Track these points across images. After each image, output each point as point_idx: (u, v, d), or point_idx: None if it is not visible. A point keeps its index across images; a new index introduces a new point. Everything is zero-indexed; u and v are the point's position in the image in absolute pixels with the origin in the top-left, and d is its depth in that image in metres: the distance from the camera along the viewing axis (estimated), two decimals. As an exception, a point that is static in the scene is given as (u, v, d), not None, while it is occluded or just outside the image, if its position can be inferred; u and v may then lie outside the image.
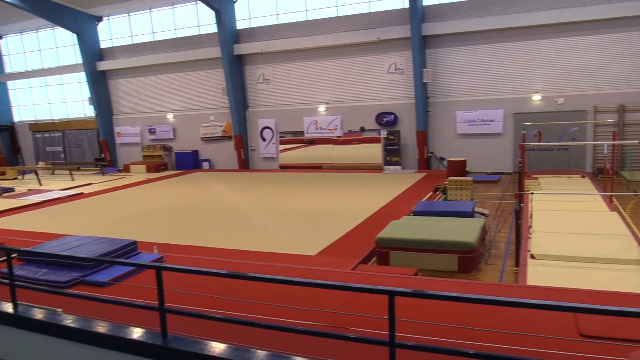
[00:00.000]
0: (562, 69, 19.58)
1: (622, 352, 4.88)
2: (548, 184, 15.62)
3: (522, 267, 8.38)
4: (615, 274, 8.03)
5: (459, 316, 5.83)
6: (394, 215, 11.94)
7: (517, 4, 19.77)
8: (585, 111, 19.18)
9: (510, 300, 3.43)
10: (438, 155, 21.70)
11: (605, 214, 11.61)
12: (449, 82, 21.26)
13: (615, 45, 18.85)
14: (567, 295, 6.52)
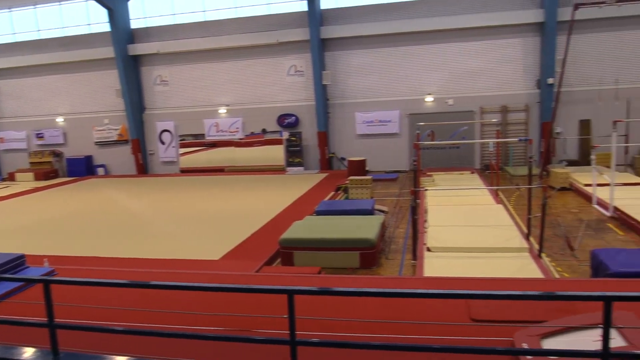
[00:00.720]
0: (451, 72, 20.79)
1: (509, 332, 5.28)
2: (441, 181, 16.49)
3: (419, 260, 8.79)
4: (501, 261, 8.65)
5: (363, 310, 6.00)
6: (297, 216, 12.04)
7: (410, 10, 20.72)
8: (473, 112, 20.53)
9: (405, 292, 3.59)
10: (339, 156, 22.19)
11: (492, 207, 12.47)
12: (348, 84, 21.82)
13: (498, 51, 20.36)
14: (460, 284, 6.92)
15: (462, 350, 3.98)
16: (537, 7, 19.67)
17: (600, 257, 7.61)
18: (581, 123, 19.98)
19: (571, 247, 9.55)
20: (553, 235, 10.78)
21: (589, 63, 19.45)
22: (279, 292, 3.56)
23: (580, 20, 18.12)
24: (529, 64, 20.30)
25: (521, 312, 5.75)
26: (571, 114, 19.87)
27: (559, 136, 19.78)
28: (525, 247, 9.15)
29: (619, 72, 18.94)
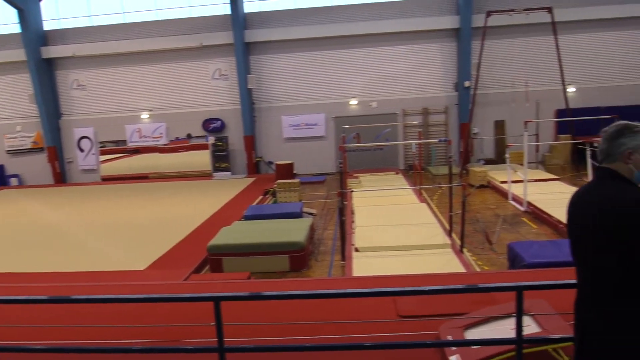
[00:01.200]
0: (374, 76, 21.31)
1: (435, 326, 5.49)
2: (368, 182, 16.86)
3: (348, 261, 8.93)
4: (426, 258, 8.96)
5: (295, 313, 6.02)
6: (225, 222, 11.89)
7: (333, 15, 21.05)
8: (396, 114, 21.15)
9: (328, 292, 3.66)
10: (266, 160, 22.14)
11: (416, 206, 12.89)
12: (274, 88, 21.83)
13: (418, 55, 21.11)
14: (387, 282, 7.11)
15: (390, 346, 4.10)
16: (453, 14, 20.57)
17: (515, 249, 8.07)
18: (496, 124, 21.10)
19: (490, 242, 10.06)
20: (473, 230, 11.30)
21: (502, 67, 20.55)
22: (205, 299, 3.52)
23: (492, 27, 19.13)
24: (447, 68, 21.18)
25: (445, 305, 5.98)
26: (487, 115, 20.92)
27: (476, 136, 20.77)
28: (448, 244, 9.53)
29: (528, 75, 20.14)
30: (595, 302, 2.54)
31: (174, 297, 4.04)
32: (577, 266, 2.69)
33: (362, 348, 4.05)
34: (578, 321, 2.68)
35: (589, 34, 20.64)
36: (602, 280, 2.50)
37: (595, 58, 20.79)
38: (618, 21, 20.41)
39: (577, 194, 2.75)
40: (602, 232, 2.45)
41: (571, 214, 2.73)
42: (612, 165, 2.57)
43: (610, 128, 2.62)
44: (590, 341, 2.56)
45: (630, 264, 2.39)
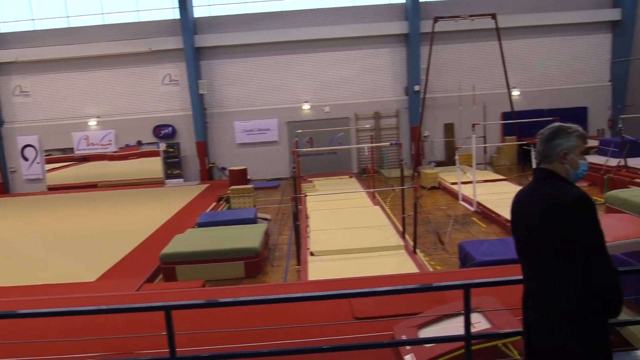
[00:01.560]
0: (326, 80, 21.45)
1: (389, 327, 5.58)
2: (322, 186, 16.95)
3: (303, 265, 8.96)
4: (380, 259, 9.09)
5: (251, 320, 5.98)
6: (178, 229, 11.70)
7: (284, 20, 21.07)
8: (348, 118, 21.36)
9: (280, 297, 3.64)
10: (219, 166, 21.91)
11: (370, 208, 13.05)
12: (225, 93, 21.65)
13: (369, 60, 21.40)
14: (343, 284, 7.16)
15: (346, 347, 4.14)
16: (402, 19, 20.98)
17: (466, 248, 8.30)
18: (446, 126, 21.62)
19: (441, 242, 10.29)
20: (426, 231, 11.54)
21: (450, 71, 21.09)
22: (155, 309, 3.47)
23: (440, 33, 19.61)
24: (397, 73, 21.55)
25: (400, 306, 6.09)
26: (437, 118, 21.42)
27: (427, 139, 21.21)
28: (401, 245, 9.70)
29: (475, 79, 20.75)
30: (541, 299, 2.62)
31: (123, 307, 3.95)
32: (523, 264, 2.79)
33: (318, 351, 4.07)
34: (525, 318, 2.76)
35: (531, 40, 21.47)
36: (547, 278, 2.58)
37: (537, 63, 21.63)
38: (559, 27, 21.32)
39: (519, 194, 2.85)
40: (545, 231, 2.54)
41: (514, 214, 2.82)
42: (549, 165, 2.66)
43: (545, 130, 2.72)
44: (538, 339, 2.65)
45: (571, 261, 2.49)
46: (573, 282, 2.52)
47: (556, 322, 2.56)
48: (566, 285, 2.54)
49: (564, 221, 2.47)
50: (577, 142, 2.66)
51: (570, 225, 2.46)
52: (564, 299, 2.54)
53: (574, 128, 2.70)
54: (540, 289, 2.63)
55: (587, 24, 21.49)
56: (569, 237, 2.47)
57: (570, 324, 2.53)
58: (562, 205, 2.49)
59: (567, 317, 2.54)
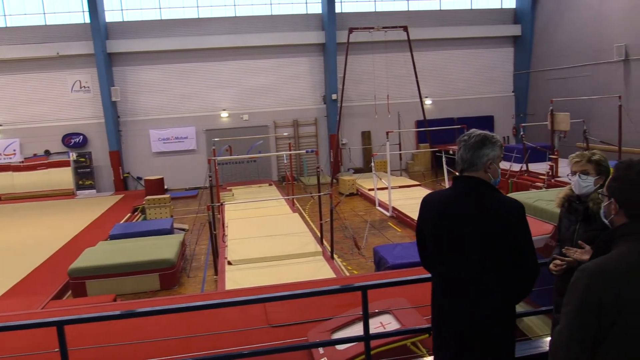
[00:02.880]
0: (244, 88, 21.36)
1: (304, 332, 5.66)
2: (241, 194, 16.83)
3: (220, 275, 8.87)
4: (299, 266, 9.18)
5: (164, 332, 5.86)
6: (89, 242, 11.19)
7: (200, 27, 20.79)
8: (267, 126, 21.38)
9: (184, 306, 3.62)
10: (135, 175, 21.20)
11: (289, 216, 13.13)
12: (140, 100, 21.00)
13: (287, 68, 21.55)
14: (259, 292, 7.16)
15: (257, 353, 4.15)
16: (319, 29, 21.34)
17: (380, 252, 8.57)
18: (363, 134, 22.18)
19: (358, 247, 10.54)
20: (343, 237, 11.78)
21: (365, 81, 21.65)
22: (47, 325, 3.33)
23: (355, 43, 20.13)
24: (315, 81, 21.87)
25: (314, 311, 6.19)
26: (354, 126, 21.93)
27: (345, 146, 21.65)
28: (319, 251, 9.84)
29: (390, 88, 21.44)
30: (478, 305, 2.62)
31: (9, 325, 3.74)
32: (448, 274, 2.73)
33: (230, 358, 4.07)
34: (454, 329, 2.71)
35: (442, 52, 22.55)
36: (483, 283, 2.60)
37: (448, 73, 22.74)
38: (466, 41, 22.54)
39: (442, 203, 2.76)
40: (486, 238, 2.55)
41: (440, 224, 2.72)
42: (475, 174, 2.67)
43: (470, 138, 2.70)
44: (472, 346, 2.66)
45: (510, 266, 2.58)
46: (507, 284, 2.61)
47: (493, 326, 2.63)
48: (503, 288, 2.62)
49: (509, 229, 2.54)
50: (499, 152, 2.71)
51: (513, 232, 2.55)
52: (499, 301, 2.62)
53: (497, 138, 2.75)
54: (476, 296, 2.62)
55: (492, 38, 22.89)
56: (511, 244, 2.55)
57: (502, 325, 2.66)
58: (507, 214, 2.56)
59: (501, 319, 2.65)
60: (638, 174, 1.97)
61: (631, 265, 1.89)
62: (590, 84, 18.62)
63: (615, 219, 2.06)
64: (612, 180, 2.09)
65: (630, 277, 1.87)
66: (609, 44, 17.68)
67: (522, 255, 2.58)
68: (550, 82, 21.21)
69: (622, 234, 1.99)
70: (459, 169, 2.75)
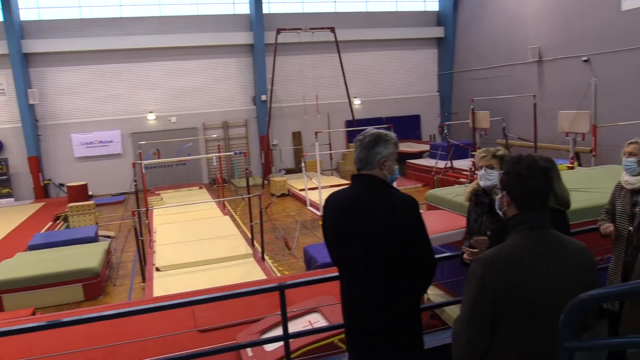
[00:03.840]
0: (172, 90, 20.88)
1: (233, 335, 5.63)
2: (170, 198, 16.46)
3: (148, 282, 8.65)
4: (230, 269, 9.11)
5: (92, 343, 5.64)
6: (6, 254, 10.55)
7: (120, 26, 20.11)
8: (196, 128, 21.01)
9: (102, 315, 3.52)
10: (57, 182, 20.23)
11: (220, 219, 12.99)
12: (61, 103, 20.06)
13: (216, 69, 21.26)
14: (187, 298, 7.03)
15: (185, 358, 4.10)
16: (247, 30, 21.21)
17: (310, 252, 8.65)
18: (293, 135, 22.25)
19: (289, 247, 10.60)
20: (275, 238, 11.79)
21: (294, 81, 21.76)
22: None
23: (284, 44, 20.18)
24: (245, 82, 21.72)
25: (244, 313, 6.17)
26: (284, 126, 21.95)
27: (275, 147, 21.64)
28: (250, 253, 9.81)
29: (319, 89, 21.67)
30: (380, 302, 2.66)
31: None
32: (352, 273, 2.76)
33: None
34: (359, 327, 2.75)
35: (369, 53, 23.00)
36: (384, 279, 2.64)
37: (376, 74, 23.23)
38: (393, 42, 23.12)
39: (339, 201, 2.81)
40: (383, 234, 2.60)
41: (339, 223, 2.77)
42: (371, 172, 2.72)
43: (365, 138, 2.76)
44: (377, 343, 2.70)
45: (406, 260, 2.63)
46: (408, 278, 2.67)
47: (397, 324, 2.68)
48: (403, 282, 2.67)
49: (404, 223, 2.61)
50: (393, 149, 2.77)
51: (408, 226, 2.61)
52: (401, 296, 2.68)
53: (391, 136, 2.81)
54: (378, 293, 2.66)
55: (417, 39, 23.60)
56: (407, 238, 2.61)
57: (407, 319, 2.73)
58: (401, 209, 2.61)
59: (405, 313, 2.71)
60: (526, 168, 2.11)
61: (521, 254, 2.03)
62: (508, 84, 19.60)
63: (507, 210, 2.20)
64: (504, 174, 2.23)
65: (520, 265, 2.01)
66: (524, 46, 18.68)
67: (418, 249, 2.66)
68: (472, 82, 22.13)
69: (513, 224, 2.13)
70: (357, 167, 2.80)
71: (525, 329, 1.99)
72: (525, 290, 1.97)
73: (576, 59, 16.53)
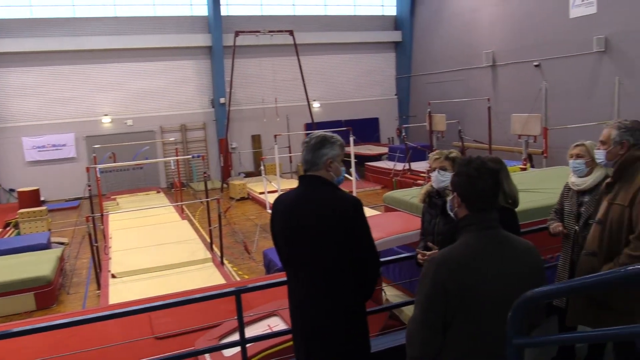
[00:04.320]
0: (128, 92, 20.42)
1: (191, 341, 5.55)
2: (126, 203, 16.10)
3: (104, 289, 8.45)
4: (188, 274, 8.99)
5: (44, 353, 5.46)
6: (-49, 263, 10.14)
7: (74, 27, 19.55)
8: (153, 131, 20.63)
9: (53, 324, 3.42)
10: (6, 187, 19.49)
11: (178, 223, 12.80)
12: (10, 105, 19.32)
13: (174, 71, 20.90)
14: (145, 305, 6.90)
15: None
16: (205, 32, 20.98)
17: (270, 255, 8.60)
18: (253, 138, 22.13)
19: (248, 251, 10.53)
20: (234, 242, 11.70)
21: (254, 84, 21.65)
22: None
23: (242, 46, 20.05)
24: (203, 85, 21.47)
25: (202, 319, 6.09)
26: (243, 130, 21.80)
27: (235, 151, 21.47)
28: (209, 258, 9.71)
29: (278, 92, 21.64)
30: (326, 305, 2.68)
31: None
32: (298, 273, 2.78)
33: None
34: (303, 325, 2.76)
35: (328, 56, 23.11)
36: (330, 280, 2.67)
37: (335, 77, 23.36)
38: (351, 46, 23.31)
39: (285, 202, 2.85)
40: (328, 234, 2.64)
41: (286, 223, 2.78)
42: (317, 173, 2.76)
43: (311, 140, 2.80)
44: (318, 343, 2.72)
45: (351, 261, 2.67)
46: (352, 279, 2.71)
47: (343, 326, 2.70)
48: (348, 282, 2.70)
49: (349, 223, 2.65)
50: (339, 151, 2.82)
51: (353, 226, 2.65)
52: (348, 297, 2.71)
53: (336, 138, 2.85)
54: (324, 295, 2.68)
55: (375, 43, 23.87)
56: (352, 238, 2.65)
57: (354, 322, 2.75)
58: (346, 210, 2.65)
59: (352, 315, 2.73)
60: (476, 170, 2.17)
61: (472, 254, 2.09)
62: (464, 88, 20.06)
63: (458, 211, 2.26)
64: (454, 176, 2.29)
65: (471, 266, 2.06)
66: (478, 51, 19.16)
67: (362, 249, 2.71)
68: (429, 86, 22.54)
69: (464, 225, 2.18)
70: (304, 168, 2.83)
71: (477, 328, 2.04)
72: (476, 290, 2.03)
73: (528, 64, 17.06)
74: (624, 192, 2.93)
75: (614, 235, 2.95)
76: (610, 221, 2.97)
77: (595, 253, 3.05)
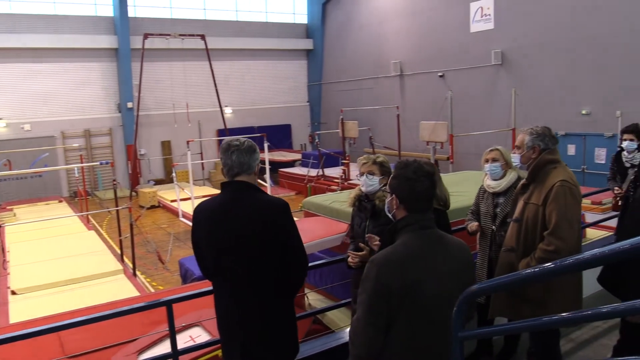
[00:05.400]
0: (25, 95, 19.01)
1: (107, 358, 5.27)
2: (25, 214, 14.97)
3: (2, 307, 7.80)
4: (98, 288, 8.51)
5: None
6: None
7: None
8: (54, 137, 19.39)
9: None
10: None
11: (84, 234, 12.08)
12: None
13: (77, 74, 19.75)
14: (53, 321, 6.46)
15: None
16: (111, 33, 20.07)
17: (186, 265, 8.39)
18: (163, 144, 21.44)
19: (162, 261, 10.19)
20: (146, 252, 11.27)
21: (163, 89, 21.01)
22: None
23: (152, 49, 19.43)
24: (109, 88, 20.49)
25: (118, 334, 5.79)
26: (153, 135, 21.07)
27: (143, 157, 20.67)
28: (120, 269, 9.25)
29: (189, 97, 21.15)
30: (256, 309, 2.67)
31: None
32: (226, 279, 2.74)
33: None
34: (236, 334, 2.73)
35: (240, 62, 22.96)
36: (258, 284, 2.66)
37: (247, 83, 23.26)
38: (264, 52, 23.37)
39: (210, 209, 2.77)
40: (259, 238, 2.63)
41: (216, 229, 2.71)
42: (246, 177, 2.73)
43: (242, 144, 2.75)
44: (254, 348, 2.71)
45: (282, 263, 2.68)
46: (282, 283, 2.72)
47: (274, 329, 2.72)
48: (278, 287, 2.71)
49: (280, 227, 2.66)
50: (260, 157, 2.86)
51: (283, 229, 2.67)
52: (277, 302, 2.72)
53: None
54: (253, 299, 2.67)
55: (287, 50, 24.05)
56: (282, 240, 2.66)
57: (284, 323, 2.76)
58: (276, 214, 2.67)
59: (282, 317, 2.75)
60: (414, 172, 2.26)
61: (412, 254, 2.17)
62: (374, 96, 20.70)
63: (396, 212, 2.34)
64: (392, 178, 2.37)
65: (412, 264, 2.14)
66: (387, 61, 19.88)
67: (291, 250, 2.73)
68: (340, 94, 23.03)
69: (403, 225, 2.26)
70: (232, 173, 2.76)
71: (419, 325, 2.12)
72: (418, 288, 2.10)
73: (433, 74, 17.94)
74: (537, 193, 3.18)
75: (530, 232, 3.19)
76: (527, 219, 3.21)
77: (514, 249, 3.28)
